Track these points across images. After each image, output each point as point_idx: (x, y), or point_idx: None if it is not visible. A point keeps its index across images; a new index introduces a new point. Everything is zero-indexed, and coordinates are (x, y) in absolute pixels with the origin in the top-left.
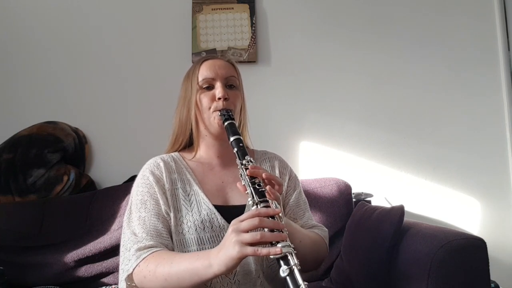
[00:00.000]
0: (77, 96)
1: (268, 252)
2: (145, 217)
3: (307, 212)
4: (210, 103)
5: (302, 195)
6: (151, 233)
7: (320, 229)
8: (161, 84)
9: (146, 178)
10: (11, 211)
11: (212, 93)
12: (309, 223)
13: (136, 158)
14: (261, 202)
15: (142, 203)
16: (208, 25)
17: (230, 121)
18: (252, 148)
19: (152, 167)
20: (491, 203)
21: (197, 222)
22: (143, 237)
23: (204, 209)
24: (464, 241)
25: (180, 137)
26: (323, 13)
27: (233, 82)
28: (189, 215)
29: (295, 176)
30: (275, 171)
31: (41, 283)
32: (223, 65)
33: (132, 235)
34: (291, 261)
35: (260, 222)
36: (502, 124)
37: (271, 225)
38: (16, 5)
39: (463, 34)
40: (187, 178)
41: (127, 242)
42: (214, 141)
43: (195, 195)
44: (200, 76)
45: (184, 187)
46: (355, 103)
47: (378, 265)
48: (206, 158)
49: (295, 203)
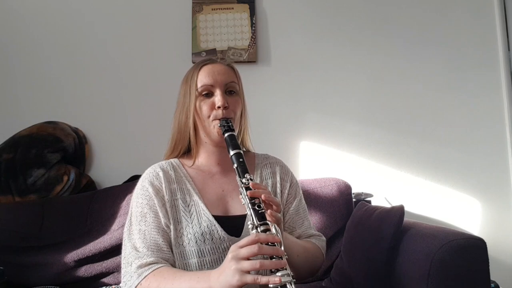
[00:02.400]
0: (77, 96)
1: (267, 281)
2: (145, 231)
3: (306, 221)
4: (210, 111)
5: (302, 203)
6: (152, 248)
7: (318, 239)
8: (161, 84)
9: (145, 190)
10: (11, 211)
11: (212, 101)
12: (308, 232)
13: (136, 158)
14: (261, 225)
15: (142, 216)
16: (208, 25)
17: (230, 133)
18: (253, 151)
19: (151, 177)
20: (491, 203)
21: (197, 235)
22: (144, 253)
23: (204, 220)
24: (464, 241)
25: (179, 144)
26: (323, 13)
27: (233, 87)
28: (189, 227)
29: (296, 183)
30: (276, 177)
31: (41, 283)
32: (222, 71)
33: (133, 250)
34: None
35: (259, 250)
36: (502, 124)
37: (271, 252)
38: (16, 5)
39: (463, 34)
40: (187, 187)
41: (128, 256)
42: (214, 148)
43: (195, 205)
44: (199, 82)
45: (184, 198)
46: (355, 103)
47: (378, 265)
48: (206, 166)
49: (294, 211)
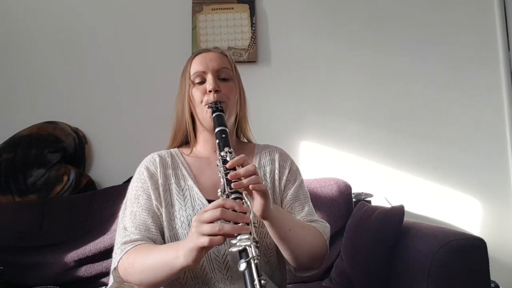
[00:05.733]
0: (77, 96)
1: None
2: (136, 212)
3: (307, 206)
4: (202, 96)
5: (303, 189)
6: (140, 227)
7: (320, 224)
8: (161, 84)
9: (141, 173)
10: (11, 211)
11: (204, 86)
12: (309, 218)
13: (136, 158)
14: (232, 194)
15: (135, 198)
16: (208, 25)
17: (217, 113)
18: (255, 142)
19: (148, 162)
20: (491, 203)
21: (190, 217)
22: (131, 231)
23: (198, 204)
24: (464, 241)
25: (178, 133)
26: (323, 13)
27: (225, 73)
28: (183, 210)
29: (295, 169)
30: (275, 164)
31: (41, 283)
32: (214, 57)
33: (122, 230)
34: (250, 254)
35: (222, 214)
36: (502, 124)
37: (234, 217)
38: (16, 6)
39: (463, 34)
40: (182, 173)
41: (118, 236)
42: (211, 136)
43: (189, 190)
44: (192, 70)
45: (178, 182)
46: (355, 103)
47: (378, 265)
48: (204, 153)
49: (293, 197)
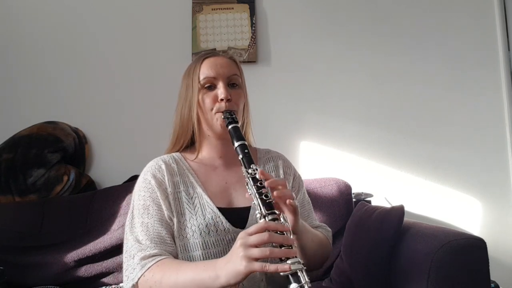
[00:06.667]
0: (77, 96)
1: (276, 268)
2: (148, 223)
3: (312, 213)
4: (213, 104)
5: (306, 196)
6: (155, 240)
7: (325, 229)
8: (161, 84)
9: (148, 182)
10: (11, 211)
11: (214, 93)
12: (314, 224)
13: (136, 158)
14: (269, 215)
15: (144, 209)
16: (208, 25)
17: (234, 125)
18: (255, 146)
19: (153, 170)
20: (491, 203)
21: (201, 226)
22: (147, 245)
23: (209, 212)
24: (464, 241)
25: (181, 137)
26: (323, 13)
27: (235, 80)
28: (193, 219)
29: (299, 176)
30: (279, 171)
31: (41, 283)
32: (225, 64)
33: (135, 242)
34: (302, 278)
35: (270, 238)
36: (502, 124)
37: (281, 240)
38: (16, 6)
39: (463, 34)
40: (189, 180)
41: (130, 249)
42: (217, 141)
43: (198, 198)
44: (201, 74)
45: (187, 190)
46: (355, 103)
47: (378, 265)
48: (209, 159)
49: (300, 205)
